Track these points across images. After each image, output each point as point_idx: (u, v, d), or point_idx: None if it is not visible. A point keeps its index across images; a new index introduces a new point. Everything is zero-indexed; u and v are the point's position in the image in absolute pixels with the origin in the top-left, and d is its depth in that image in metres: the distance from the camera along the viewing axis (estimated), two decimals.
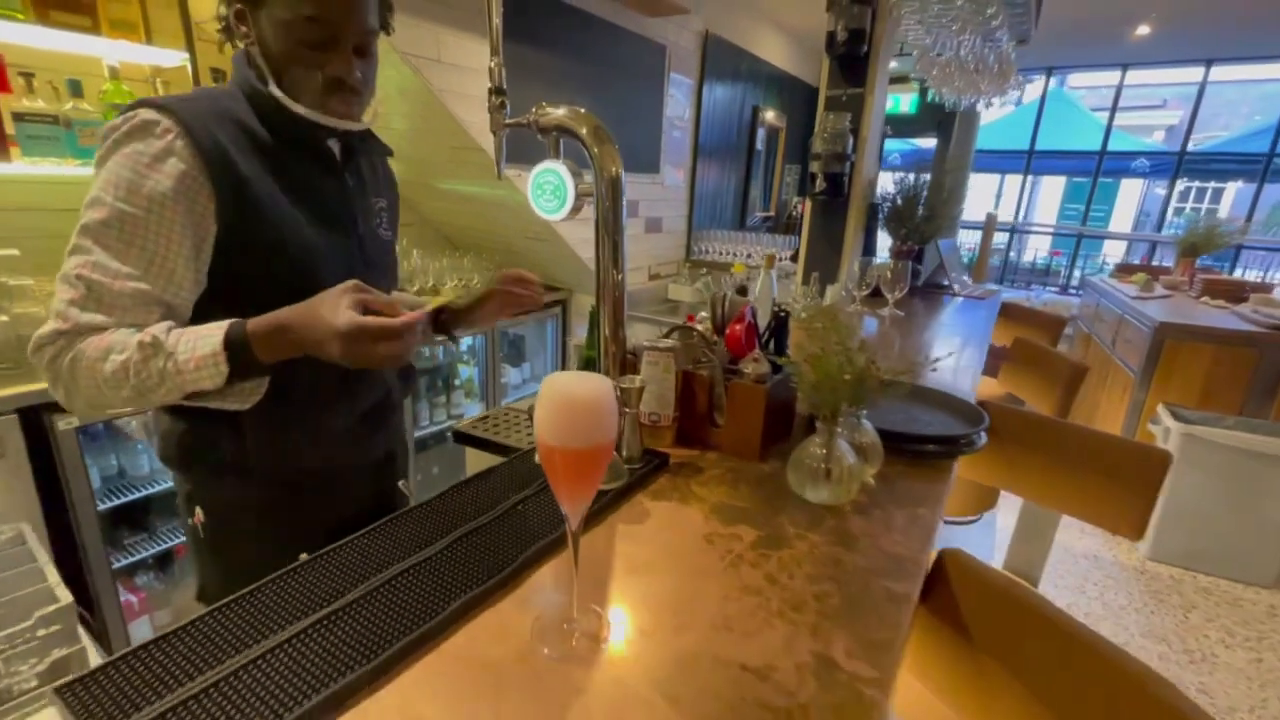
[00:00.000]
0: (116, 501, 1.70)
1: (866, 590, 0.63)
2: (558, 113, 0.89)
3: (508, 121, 0.91)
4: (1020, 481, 1.17)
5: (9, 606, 1.25)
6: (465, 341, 2.76)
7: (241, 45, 0.79)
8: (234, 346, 0.66)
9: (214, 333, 0.66)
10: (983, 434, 0.99)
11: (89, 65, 1.69)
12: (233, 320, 0.67)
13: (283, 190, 0.77)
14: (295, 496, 0.84)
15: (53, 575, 1.29)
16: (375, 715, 0.47)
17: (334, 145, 0.85)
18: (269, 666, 0.49)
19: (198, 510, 0.84)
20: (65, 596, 1.24)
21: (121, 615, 1.68)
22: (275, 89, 0.76)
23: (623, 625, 0.57)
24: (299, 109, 0.77)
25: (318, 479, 0.87)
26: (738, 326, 0.93)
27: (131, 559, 1.75)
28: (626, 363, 0.95)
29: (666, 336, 0.96)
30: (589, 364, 0.99)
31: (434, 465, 2.58)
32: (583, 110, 0.90)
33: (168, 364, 0.65)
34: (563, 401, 0.47)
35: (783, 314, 0.95)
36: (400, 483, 0.91)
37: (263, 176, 0.76)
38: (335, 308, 0.64)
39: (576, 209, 0.93)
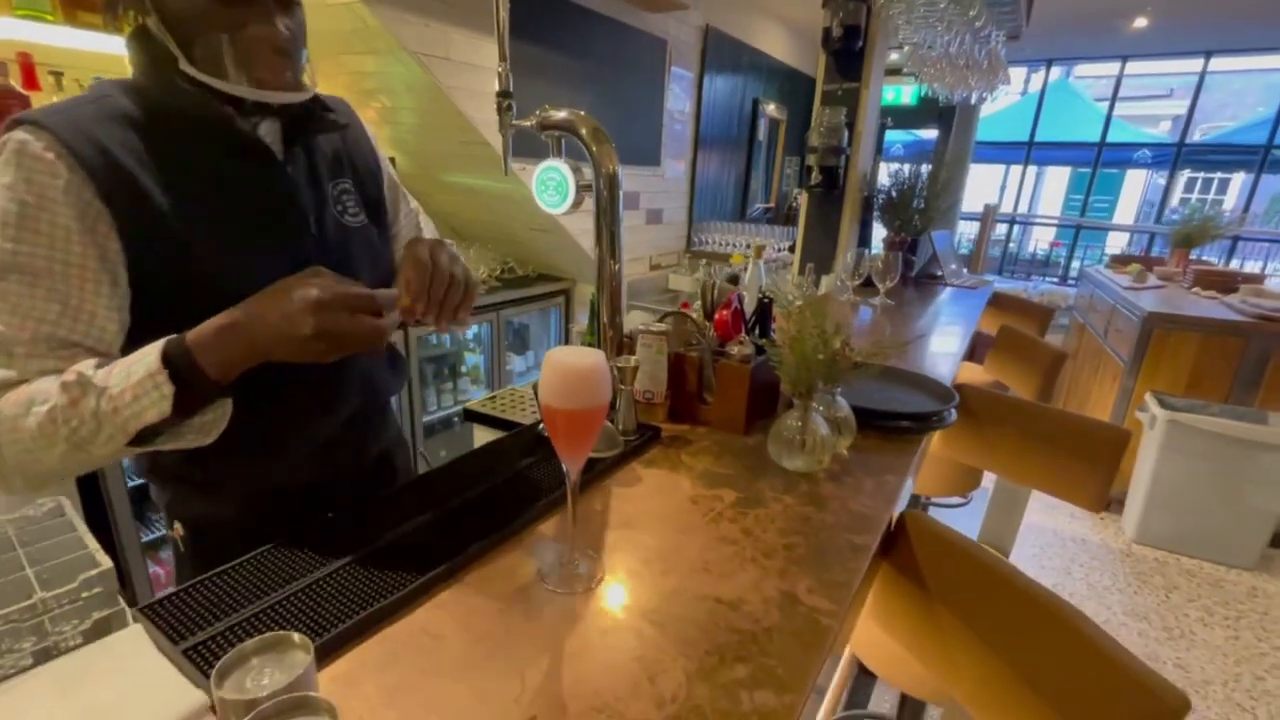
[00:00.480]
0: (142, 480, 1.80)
1: (831, 542, 0.72)
2: (560, 115, 0.97)
3: (514, 122, 0.99)
4: (993, 459, 1.25)
5: (52, 571, 1.35)
6: (470, 330, 2.85)
7: (132, 21, 0.65)
8: (174, 361, 0.56)
9: (148, 352, 0.56)
10: (952, 411, 1.07)
11: (114, 64, 1.77)
12: (169, 336, 0.58)
13: (202, 197, 0.66)
14: (280, 511, 0.75)
15: (91, 543, 1.39)
16: (404, 630, 0.56)
17: (272, 128, 0.73)
18: (318, 593, 0.58)
19: (176, 524, 0.79)
20: (105, 561, 1.34)
21: (151, 587, 1.78)
22: (188, 67, 0.64)
23: (615, 568, 0.66)
24: (223, 86, 0.64)
25: (304, 493, 0.79)
26: (725, 312, 1.01)
27: (157, 534, 1.86)
28: (623, 345, 1.03)
29: (660, 321, 1.04)
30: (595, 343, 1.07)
31: (442, 449, 2.68)
32: (582, 112, 0.98)
33: (100, 402, 0.55)
34: (563, 370, 0.56)
35: (766, 300, 1.03)
36: (420, 451, 0.97)
37: (172, 186, 0.64)
38: (298, 284, 0.58)
39: (578, 203, 1.01)
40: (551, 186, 1.00)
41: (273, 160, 0.72)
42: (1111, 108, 5.50)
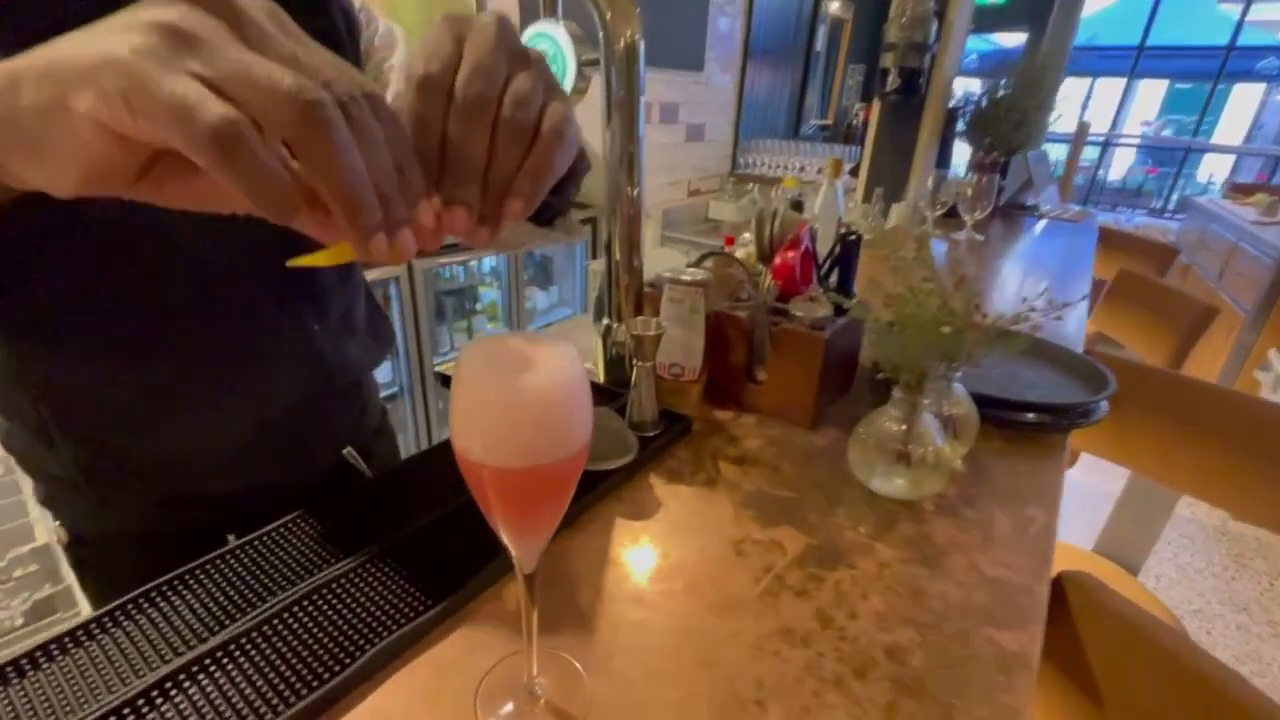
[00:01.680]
0: None
1: (964, 644, 0.44)
2: None
3: None
4: (1136, 453, 0.94)
5: None
6: (487, 262, 2.57)
7: None
8: None
9: None
10: (1104, 403, 0.76)
11: None
12: None
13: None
14: (189, 529, 0.57)
15: (34, 511, 1.22)
16: None
17: None
18: None
19: (57, 525, 0.59)
20: (42, 535, 1.18)
21: None
22: None
23: (601, 697, 0.40)
24: None
25: (224, 507, 0.59)
26: (790, 254, 0.70)
27: None
28: (643, 300, 0.74)
29: (697, 264, 0.74)
30: (602, 304, 0.79)
31: None
32: None
33: None
34: (501, 398, 0.27)
35: (852, 238, 0.71)
36: (346, 450, 0.68)
37: None
38: None
39: (581, 90, 0.69)
40: None
41: None
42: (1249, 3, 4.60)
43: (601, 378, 0.78)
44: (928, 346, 0.56)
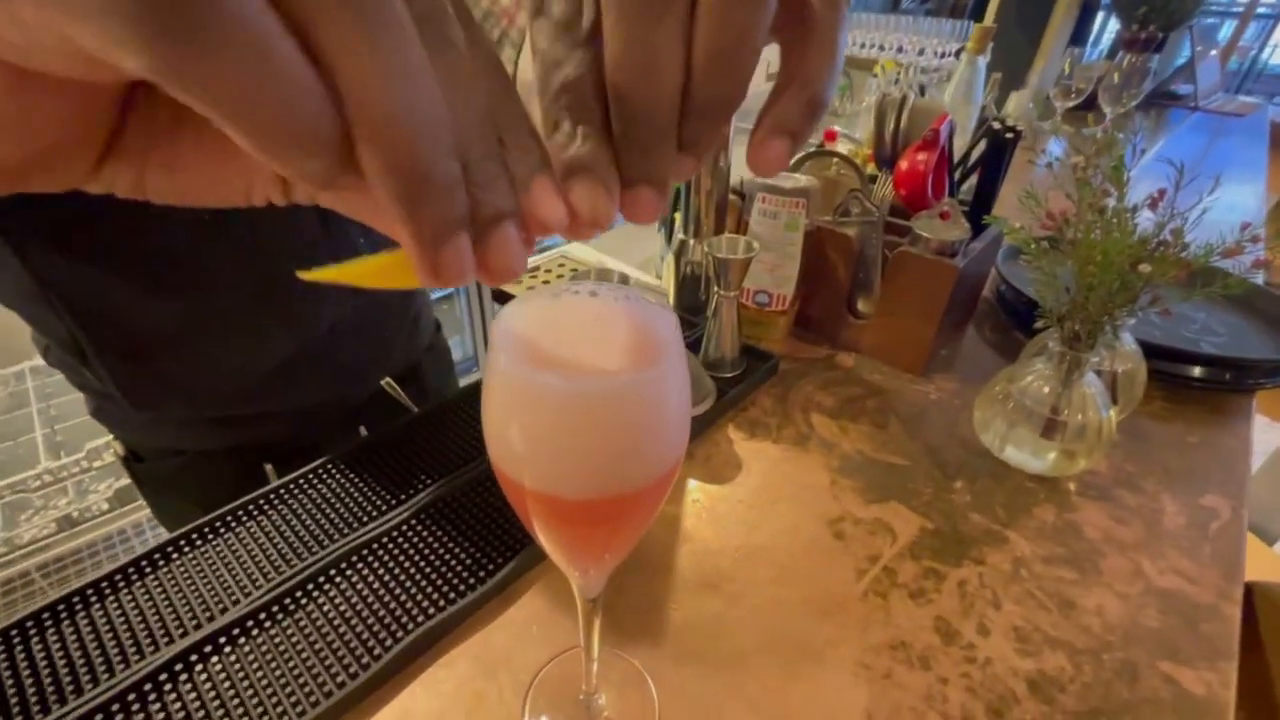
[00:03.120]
0: None
1: (1133, 681, 0.35)
2: None
3: None
4: None
5: (68, 433, 1.25)
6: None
7: None
8: None
9: None
10: None
11: None
12: None
13: None
14: (238, 451, 0.55)
15: None
16: None
17: None
18: None
19: (112, 439, 0.57)
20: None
21: None
22: None
23: (673, 710, 0.33)
24: None
25: (272, 426, 0.57)
26: (922, 156, 0.55)
27: None
28: (726, 210, 0.61)
29: (796, 171, 0.60)
30: (674, 199, 0.67)
31: None
32: None
33: None
34: (557, 404, 0.17)
35: (1008, 134, 0.55)
36: (385, 381, 0.61)
37: None
38: None
39: None
40: None
41: None
42: None
43: (671, 300, 0.67)
44: (1113, 290, 0.43)
